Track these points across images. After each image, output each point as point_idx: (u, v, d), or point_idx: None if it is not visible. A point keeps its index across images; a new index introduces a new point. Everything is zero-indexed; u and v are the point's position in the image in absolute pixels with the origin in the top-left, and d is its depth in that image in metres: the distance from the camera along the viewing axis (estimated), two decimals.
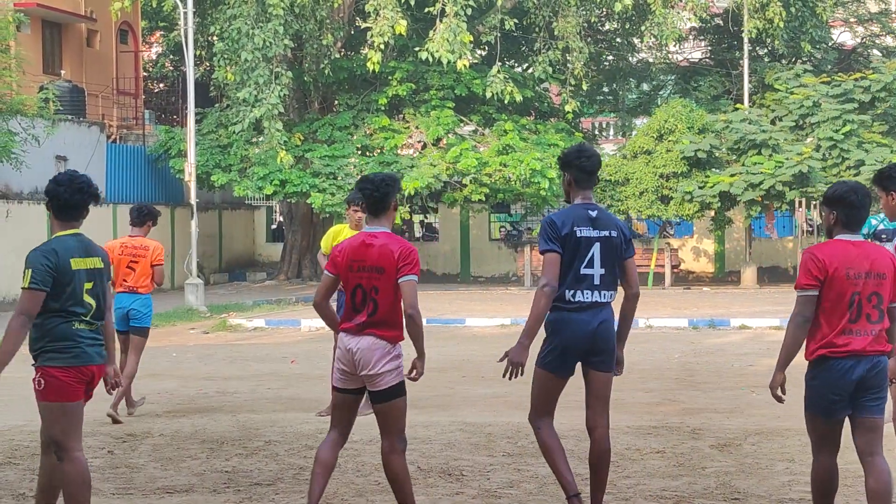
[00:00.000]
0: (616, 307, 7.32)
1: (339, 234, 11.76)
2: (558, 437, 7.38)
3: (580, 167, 7.26)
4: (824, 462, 6.64)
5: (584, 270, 7.16)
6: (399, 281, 7.07)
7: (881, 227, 10.32)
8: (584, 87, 36.34)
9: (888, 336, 6.61)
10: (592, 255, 7.16)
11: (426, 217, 45.72)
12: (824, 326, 6.52)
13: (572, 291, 7.16)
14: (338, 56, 35.83)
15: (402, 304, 7.07)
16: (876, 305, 6.50)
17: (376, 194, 7.18)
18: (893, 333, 6.65)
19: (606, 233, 7.20)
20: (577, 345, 7.21)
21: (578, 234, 7.15)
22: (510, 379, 7.21)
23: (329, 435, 7.29)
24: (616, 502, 8.08)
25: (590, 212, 7.22)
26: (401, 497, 7.15)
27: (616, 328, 7.36)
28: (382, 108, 35.63)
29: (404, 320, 7.14)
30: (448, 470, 9.26)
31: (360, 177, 6.95)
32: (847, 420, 6.63)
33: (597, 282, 7.19)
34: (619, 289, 7.39)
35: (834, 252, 6.55)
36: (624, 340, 7.45)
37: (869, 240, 10.69)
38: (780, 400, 6.73)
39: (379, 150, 35.21)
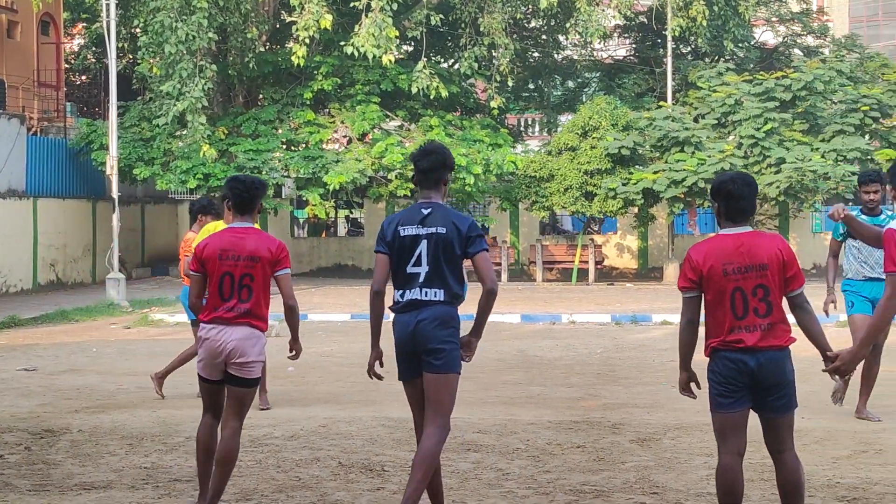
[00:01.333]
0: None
1: (214, 230, 12.02)
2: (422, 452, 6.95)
3: (416, 167, 7.22)
4: (725, 461, 6.52)
5: (410, 269, 7.01)
6: (276, 274, 7.57)
7: None
8: (510, 83, 36.45)
9: (806, 328, 6.48)
10: (419, 253, 6.98)
11: (351, 212, 45.66)
12: (714, 324, 6.47)
13: (401, 292, 7.07)
14: (262, 50, 35.60)
15: (271, 295, 7.58)
16: (763, 298, 6.39)
17: (246, 195, 7.66)
18: (806, 324, 6.49)
19: (434, 229, 6.97)
20: (404, 346, 7.03)
21: (402, 234, 7.06)
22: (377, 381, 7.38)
23: (204, 419, 7.71)
24: (536, 497, 8.11)
25: (423, 210, 7.07)
26: (222, 477, 7.48)
27: (445, 323, 6.99)
28: (307, 102, 35.51)
29: (284, 311, 7.66)
30: (369, 465, 9.25)
31: (230, 177, 7.06)
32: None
33: (421, 280, 6.98)
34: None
35: (709, 250, 6.49)
36: (477, 333, 7.08)
37: (840, 238, 10.81)
38: (691, 396, 6.80)
39: (304, 145, 35.07)
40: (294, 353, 7.88)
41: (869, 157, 34.52)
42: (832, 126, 35.26)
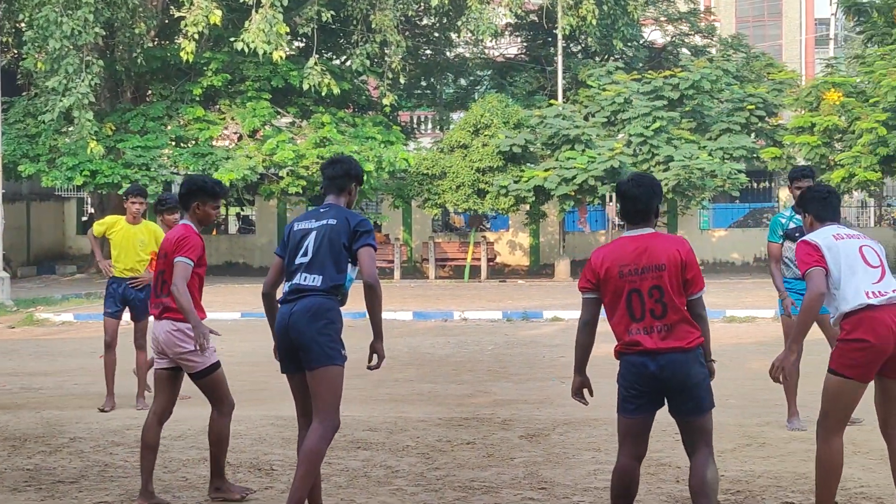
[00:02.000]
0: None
1: (114, 224, 12.47)
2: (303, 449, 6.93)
3: (323, 174, 7.32)
4: (622, 463, 6.44)
5: (297, 260, 7.03)
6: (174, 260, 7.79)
7: (791, 224, 10.42)
8: (402, 80, 36.45)
9: (701, 330, 6.37)
10: (307, 244, 7.00)
11: (242, 210, 45.29)
12: (615, 327, 6.43)
13: (287, 283, 7.08)
14: (151, 45, 35.15)
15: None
16: (659, 300, 6.28)
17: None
18: (703, 329, 6.39)
19: (325, 221, 7.02)
20: (280, 340, 7.03)
21: (296, 228, 7.14)
22: None
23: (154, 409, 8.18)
24: (425, 494, 8.10)
25: (321, 209, 7.15)
26: (217, 456, 7.97)
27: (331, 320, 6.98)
28: (197, 98, 35.12)
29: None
30: (258, 465, 9.16)
31: (186, 175, 7.27)
32: None
33: (304, 267, 6.98)
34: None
35: (609, 251, 6.46)
36: (375, 333, 7.08)
37: (782, 241, 10.49)
38: (582, 402, 6.75)
39: (193, 142, 34.69)
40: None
41: (755, 156, 35.20)
42: (719, 125, 35.86)
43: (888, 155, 31.50)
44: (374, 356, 7.14)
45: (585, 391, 6.71)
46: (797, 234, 10.01)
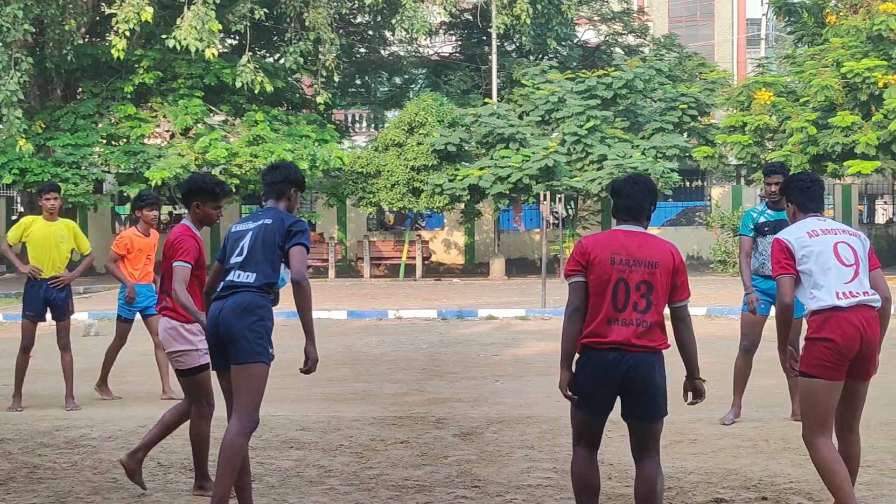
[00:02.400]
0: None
1: (30, 225, 12.23)
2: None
3: (263, 180, 7.38)
4: (579, 457, 6.36)
5: (233, 260, 7.07)
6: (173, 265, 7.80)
7: (762, 219, 10.48)
8: (336, 78, 36.28)
9: (684, 343, 6.32)
10: (242, 245, 7.04)
11: (175, 208, 44.87)
12: (591, 314, 6.24)
13: (221, 281, 7.12)
14: (81, 42, 34.71)
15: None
16: (644, 294, 6.18)
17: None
18: (685, 339, 6.33)
19: (261, 222, 7.07)
20: (210, 335, 7.06)
21: (233, 231, 7.19)
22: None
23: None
24: (358, 493, 8.06)
25: (260, 213, 7.21)
26: (196, 456, 8.12)
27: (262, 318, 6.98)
28: (128, 96, 34.78)
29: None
30: (189, 465, 9.05)
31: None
32: None
33: (239, 266, 7.02)
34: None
35: (601, 238, 6.38)
36: (307, 334, 7.03)
37: (752, 235, 10.48)
38: (572, 399, 6.36)
39: (125, 140, 34.34)
40: None
41: (687, 155, 35.48)
42: (652, 124, 36.10)
43: (818, 154, 31.86)
44: (307, 360, 7.11)
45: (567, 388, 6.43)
46: (766, 229, 10.33)
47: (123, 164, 33.31)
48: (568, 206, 35.01)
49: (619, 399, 6.33)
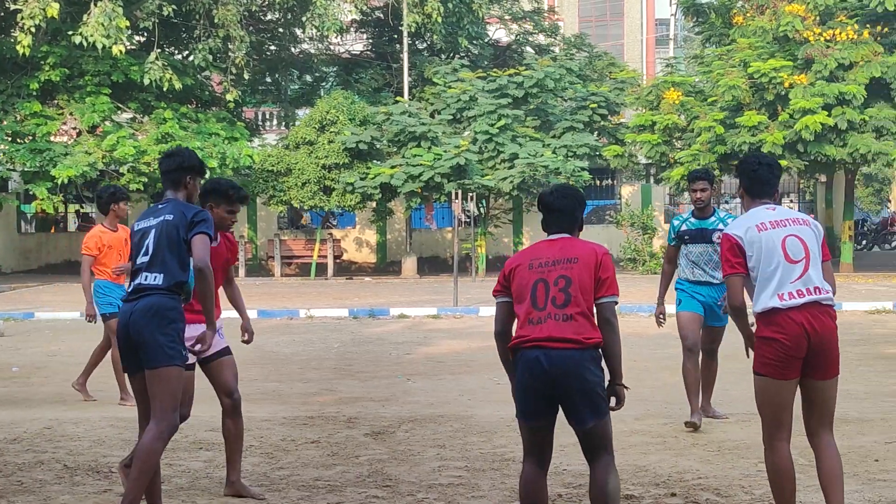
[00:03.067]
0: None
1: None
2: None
3: (160, 168, 7.24)
4: (526, 470, 6.18)
5: (139, 260, 6.91)
6: None
7: (684, 227, 10.35)
8: (246, 76, 36.01)
9: (608, 345, 6.08)
10: (147, 243, 6.89)
11: (82, 207, 44.31)
12: (518, 320, 6.16)
13: (130, 282, 6.97)
14: None
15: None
16: (563, 289, 6.03)
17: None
18: (609, 341, 6.08)
19: (162, 217, 6.91)
20: (120, 339, 6.89)
21: (136, 228, 7.06)
22: None
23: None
24: (269, 494, 7.99)
25: (159, 206, 7.03)
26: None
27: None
28: (34, 93, 34.16)
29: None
30: (96, 467, 8.94)
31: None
32: None
33: (145, 267, 6.87)
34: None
35: (521, 253, 6.32)
36: (209, 322, 6.97)
37: (674, 244, 10.46)
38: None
39: (30, 137, 33.76)
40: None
41: (597, 154, 35.76)
42: (562, 123, 36.34)
43: (726, 153, 32.26)
44: (199, 345, 7.03)
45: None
46: (686, 238, 10.34)
47: (29, 161, 32.76)
48: (479, 205, 35.10)
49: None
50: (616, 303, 6.17)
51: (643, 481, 8.21)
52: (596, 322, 6.08)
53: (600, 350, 6.06)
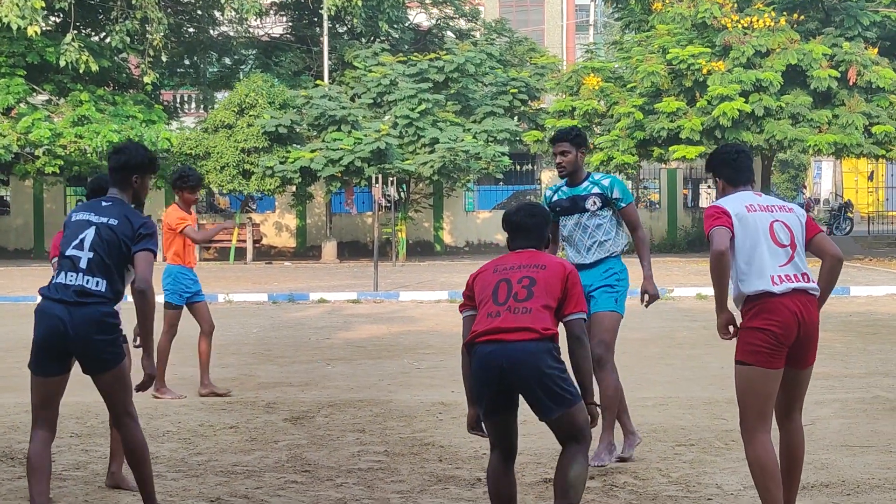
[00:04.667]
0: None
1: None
2: (46, 452, 6.53)
3: (108, 165, 6.93)
4: (492, 463, 6.06)
5: (70, 252, 6.59)
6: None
7: (556, 198, 8.77)
8: (164, 58, 35.63)
9: (577, 364, 5.97)
10: (84, 237, 6.57)
11: None
12: (477, 318, 6.03)
13: (61, 274, 6.58)
14: None
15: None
16: (527, 286, 5.93)
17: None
18: (579, 359, 5.98)
19: (106, 220, 6.60)
20: (53, 343, 6.49)
21: (74, 219, 6.72)
22: None
23: None
24: (186, 480, 7.93)
25: (103, 202, 6.71)
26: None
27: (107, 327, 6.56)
28: None
29: None
30: (10, 454, 8.81)
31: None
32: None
33: (84, 265, 6.53)
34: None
35: (486, 264, 6.24)
36: (144, 348, 6.63)
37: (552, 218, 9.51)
38: (481, 435, 6.18)
39: None
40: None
41: (518, 139, 35.88)
42: (483, 108, 36.42)
43: (644, 139, 32.53)
44: (145, 376, 6.70)
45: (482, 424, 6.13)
46: (558, 209, 8.65)
47: None
48: (400, 189, 35.07)
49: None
50: (585, 320, 6.06)
51: None
52: (567, 340, 5.93)
53: (557, 344, 5.90)
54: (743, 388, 6.29)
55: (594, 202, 8.56)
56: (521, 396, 5.98)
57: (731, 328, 6.38)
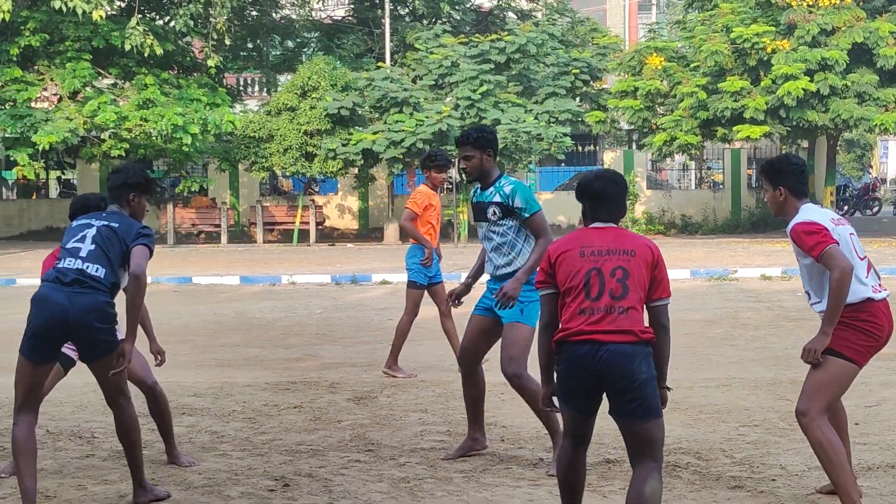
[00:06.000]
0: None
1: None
2: (31, 436, 6.65)
3: (107, 185, 7.09)
4: (565, 447, 5.87)
5: (71, 245, 6.70)
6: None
7: (474, 199, 8.15)
8: (228, 42, 35.86)
9: (659, 348, 5.73)
10: (85, 234, 6.69)
11: (63, 173, 44.18)
12: (566, 309, 5.71)
13: (60, 262, 6.71)
14: None
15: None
16: (621, 280, 5.61)
17: None
18: (661, 345, 5.74)
19: (106, 222, 6.74)
20: (53, 328, 6.57)
21: (73, 225, 6.89)
22: None
23: None
24: (251, 458, 8.01)
25: (103, 214, 6.88)
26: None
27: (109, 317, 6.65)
28: (14, 58, 33.94)
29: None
30: (78, 432, 8.96)
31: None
32: None
33: (84, 254, 6.64)
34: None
35: (568, 238, 5.87)
36: (128, 330, 6.61)
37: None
38: (554, 410, 6.07)
39: (11, 103, 33.58)
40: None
41: (579, 119, 35.72)
42: (545, 88, 36.27)
43: (708, 119, 32.28)
44: (119, 357, 6.63)
45: (555, 398, 5.97)
46: (474, 213, 8.10)
47: (10, 127, 32.61)
48: (461, 171, 35.07)
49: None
50: (668, 305, 5.86)
51: (623, 445, 8.23)
52: (650, 325, 5.76)
53: (651, 348, 5.69)
54: (833, 379, 6.39)
55: (494, 212, 7.85)
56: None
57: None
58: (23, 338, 6.69)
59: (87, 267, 6.61)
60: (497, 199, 7.84)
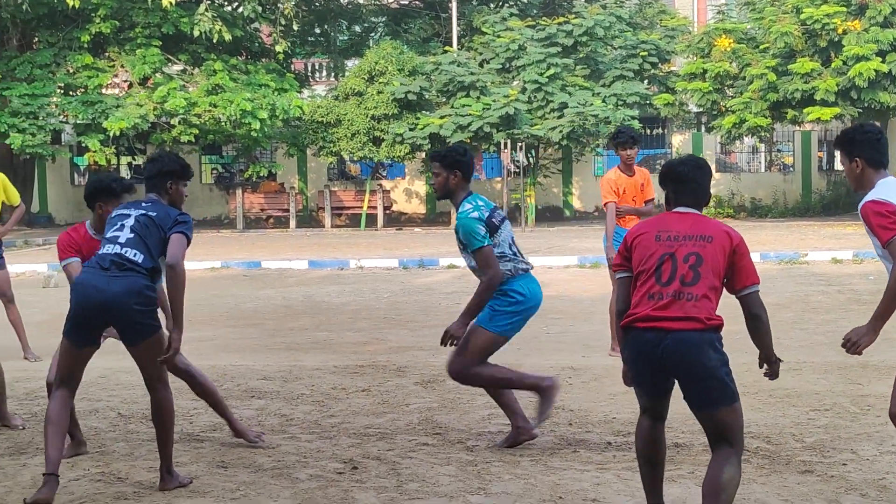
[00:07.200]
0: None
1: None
2: (64, 411, 6.75)
3: (144, 175, 7.16)
4: (642, 422, 5.79)
5: (113, 233, 6.83)
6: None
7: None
8: (295, 27, 36.05)
9: (760, 336, 5.65)
10: (124, 224, 6.81)
11: (134, 159, 44.59)
12: (636, 292, 5.65)
13: (100, 251, 6.85)
14: None
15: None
16: (693, 266, 5.49)
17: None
18: (761, 332, 5.64)
19: (144, 211, 6.84)
20: (92, 312, 6.68)
21: (113, 214, 7.01)
22: None
23: None
24: (320, 441, 8.06)
25: (143, 203, 6.95)
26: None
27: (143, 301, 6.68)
28: (85, 45, 34.37)
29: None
30: (149, 416, 9.01)
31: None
32: None
33: (123, 240, 6.74)
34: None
35: (647, 222, 5.83)
36: (175, 321, 6.72)
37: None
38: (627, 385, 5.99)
39: (82, 90, 34.01)
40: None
41: (648, 102, 35.51)
42: (612, 71, 36.10)
43: (778, 101, 31.96)
44: (169, 346, 6.76)
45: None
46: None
47: (81, 114, 33.01)
48: (529, 155, 35.01)
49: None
50: (757, 291, 5.64)
51: (693, 429, 8.19)
52: (744, 316, 5.65)
53: (720, 334, 5.54)
54: None
55: (458, 239, 7.88)
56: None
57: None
58: (65, 321, 6.83)
59: (126, 252, 6.72)
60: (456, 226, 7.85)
